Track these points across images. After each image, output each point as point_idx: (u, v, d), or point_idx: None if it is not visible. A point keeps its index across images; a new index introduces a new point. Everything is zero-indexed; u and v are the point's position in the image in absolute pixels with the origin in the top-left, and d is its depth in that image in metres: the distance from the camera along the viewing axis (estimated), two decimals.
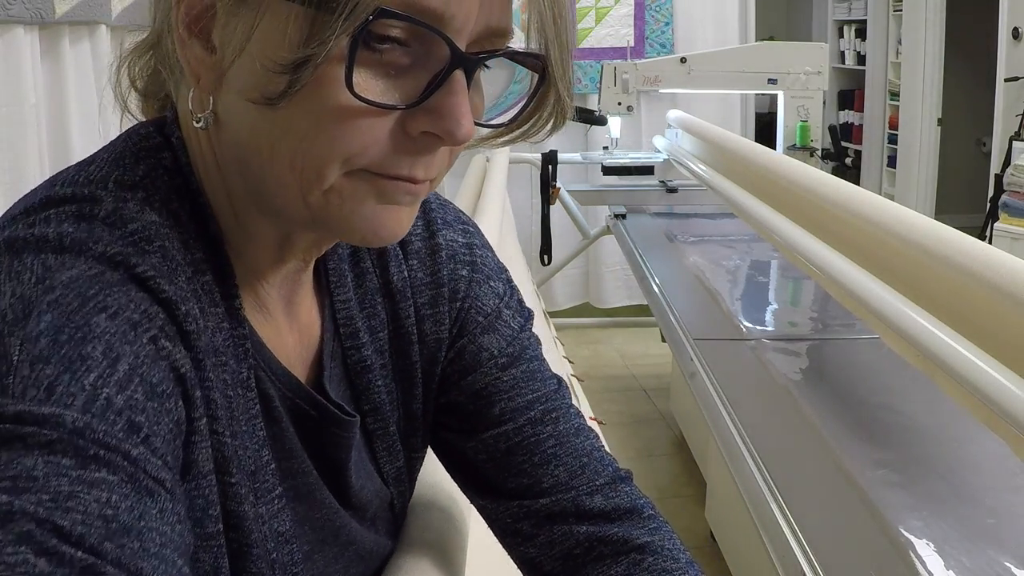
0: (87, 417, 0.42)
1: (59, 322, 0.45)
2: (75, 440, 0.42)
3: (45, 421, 0.42)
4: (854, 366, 2.00)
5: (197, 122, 0.53)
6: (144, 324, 0.47)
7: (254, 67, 0.48)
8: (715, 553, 2.48)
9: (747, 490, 1.48)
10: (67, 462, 0.41)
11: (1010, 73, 4.43)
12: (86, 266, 0.47)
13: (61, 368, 0.43)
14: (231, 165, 0.55)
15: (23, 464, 0.40)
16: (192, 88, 0.54)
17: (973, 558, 1.23)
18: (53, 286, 0.46)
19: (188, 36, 0.51)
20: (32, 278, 0.46)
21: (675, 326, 2.26)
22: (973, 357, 1.14)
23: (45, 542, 0.39)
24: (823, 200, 1.69)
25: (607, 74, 3.61)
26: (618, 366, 4.17)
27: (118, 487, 0.42)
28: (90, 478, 0.41)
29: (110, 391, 0.44)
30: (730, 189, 2.40)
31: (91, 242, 0.48)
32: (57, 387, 0.43)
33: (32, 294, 0.46)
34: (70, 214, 0.50)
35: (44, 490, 0.40)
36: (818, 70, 3.55)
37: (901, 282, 1.37)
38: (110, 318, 0.46)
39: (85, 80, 2.32)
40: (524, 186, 4.41)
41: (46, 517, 0.39)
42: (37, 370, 0.43)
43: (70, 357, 0.44)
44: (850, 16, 6.39)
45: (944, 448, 1.57)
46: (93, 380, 0.44)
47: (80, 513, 0.40)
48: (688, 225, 3.45)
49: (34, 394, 0.42)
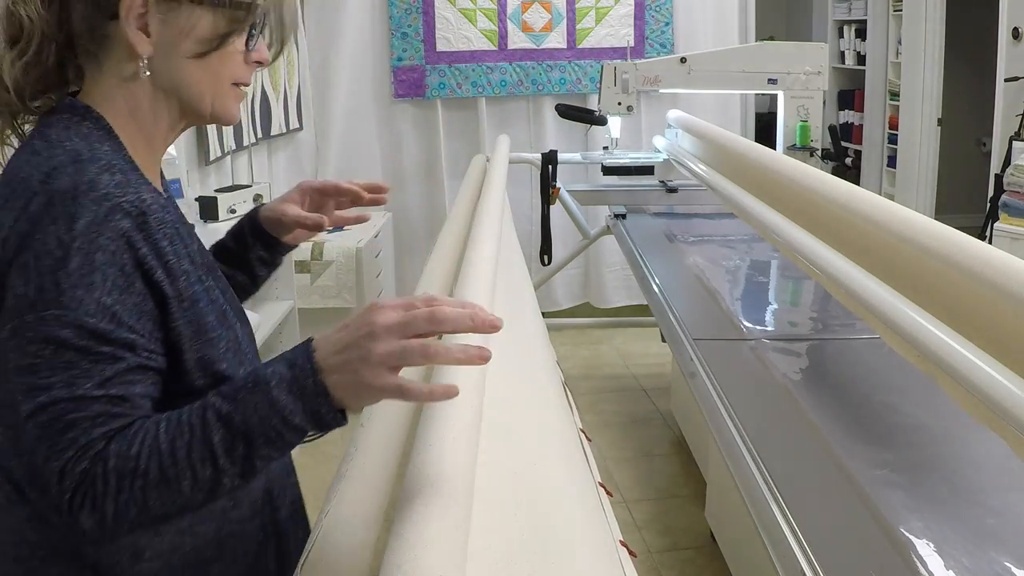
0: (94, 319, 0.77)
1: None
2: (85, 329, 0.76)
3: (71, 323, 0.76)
4: (854, 366, 2.00)
5: (142, 74, 0.87)
6: (117, 249, 0.79)
7: (184, 40, 0.88)
8: (715, 553, 2.48)
9: (747, 490, 1.48)
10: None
11: (1010, 73, 4.43)
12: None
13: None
14: (160, 96, 0.90)
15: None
16: (123, 58, 0.87)
17: (973, 558, 1.23)
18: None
19: (137, 29, 0.86)
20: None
21: (675, 326, 2.26)
22: (973, 357, 1.14)
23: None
24: (823, 200, 1.69)
25: (607, 74, 3.61)
26: (618, 366, 4.17)
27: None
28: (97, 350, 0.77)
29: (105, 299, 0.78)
30: (730, 189, 2.40)
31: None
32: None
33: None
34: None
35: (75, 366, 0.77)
36: (818, 70, 3.55)
37: (901, 282, 1.37)
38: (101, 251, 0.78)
39: None
40: (524, 186, 4.41)
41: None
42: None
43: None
44: (850, 16, 6.39)
45: (944, 448, 1.57)
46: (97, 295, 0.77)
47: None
48: (688, 225, 3.45)
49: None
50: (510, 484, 0.96)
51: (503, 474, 0.96)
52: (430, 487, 0.77)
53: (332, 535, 0.90)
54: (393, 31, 4.35)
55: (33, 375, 0.76)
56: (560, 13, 4.41)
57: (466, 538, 0.76)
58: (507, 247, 1.96)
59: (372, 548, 0.92)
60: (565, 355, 4.21)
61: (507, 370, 1.26)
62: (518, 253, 2.36)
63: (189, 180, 3.02)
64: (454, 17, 4.36)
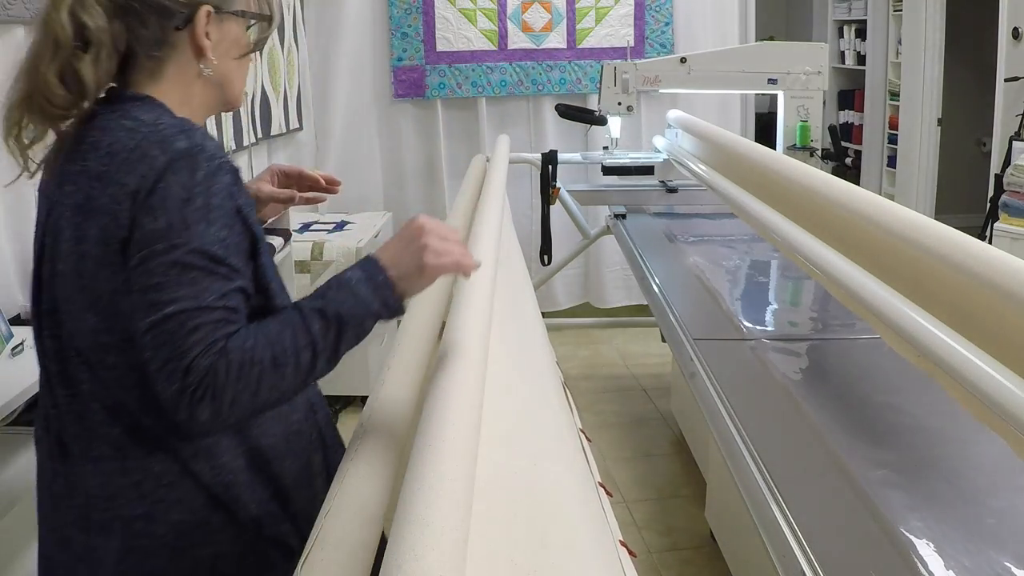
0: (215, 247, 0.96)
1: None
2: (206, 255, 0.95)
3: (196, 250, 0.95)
4: (854, 366, 2.00)
5: (208, 71, 1.09)
6: (224, 197, 0.99)
7: (233, 47, 1.11)
8: (715, 553, 2.48)
9: (747, 490, 1.48)
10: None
11: (1010, 73, 4.43)
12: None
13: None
14: (212, 89, 1.11)
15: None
16: (192, 61, 1.08)
17: (973, 558, 1.23)
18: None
19: (202, 45, 1.08)
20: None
21: (675, 326, 2.26)
22: (973, 357, 1.14)
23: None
24: (823, 200, 1.69)
25: (607, 74, 3.61)
26: (618, 366, 4.17)
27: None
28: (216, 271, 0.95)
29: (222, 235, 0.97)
30: (730, 189, 2.40)
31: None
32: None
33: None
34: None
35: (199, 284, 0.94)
36: (818, 70, 3.55)
37: (901, 282, 1.37)
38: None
39: None
40: (524, 186, 4.41)
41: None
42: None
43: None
44: (850, 16, 6.39)
45: (944, 448, 1.57)
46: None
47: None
48: (688, 225, 3.45)
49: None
50: (510, 484, 0.96)
51: (503, 474, 0.96)
52: (430, 487, 0.77)
53: (332, 535, 0.90)
54: (393, 31, 4.35)
55: (160, 292, 0.93)
56: (560, 13, 4.41)
57: (466, 538, 0.76)
58: (507, 247, 1.96)
59: (372, 548, 0.92)
60: (565, 355, 4.20)
61: (507, 370, 1.26)
62: (518, 253, 2.36)
63: None
64: (454, 17, 4.36)
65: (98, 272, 0.99)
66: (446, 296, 1.62)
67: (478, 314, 1.26)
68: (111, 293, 0.99)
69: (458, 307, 1.27)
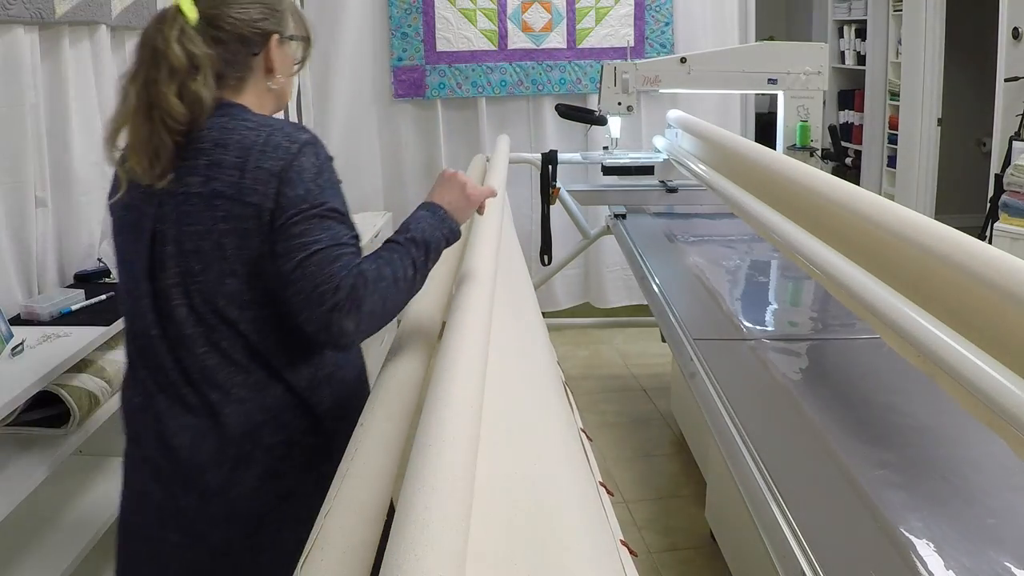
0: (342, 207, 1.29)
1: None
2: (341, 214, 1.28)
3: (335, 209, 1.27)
4: (854, 366, 2.00)
5: (273, 86, 1.38)
6: (334, 174, 1.32)
7: (288, 65, 1.41)
8: (715, 553, 2.48)
9: (747, 490, 1.48)
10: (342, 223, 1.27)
11: (1010, 73, 4.43)
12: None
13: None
14: (274, 97, 1.40)
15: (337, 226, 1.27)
16: (261, 78, 1.37)
17: (973, 558, 1.23)
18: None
19: (274, 64, 1.37)
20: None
21: (675, 326, 2.26)
22: (973, 357, 1.14)
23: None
24: (823, 200, 1.69)
25: (607, 74, 3.61)
26: (618, 366, 4.17)
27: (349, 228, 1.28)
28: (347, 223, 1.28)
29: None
30: (730, 189, 2.40)
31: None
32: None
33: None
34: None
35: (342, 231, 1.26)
36: (818, 70, 3.55)
37: (901, 282, 1.37)
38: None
39: (85, 80, 2.32)
40: (524, 186, 4.41)
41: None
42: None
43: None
44: (850, 16, 6.39)
45: (944, 448, 1.57)
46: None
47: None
48: (688, 225, 3.45)
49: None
50: (510, 484, 0.96)
51: (503, 474, 0.96)
52: (430, 487, 0.77)
53: (332, 535, 0.90)
54: (393, 31, 4.35)
55: (306, 237, 1.22)
56: (560, 13, 4.41)
57: (466, 538, 0.76)
58: (507, 247, 1.96)
59: (372, 548, 0.92)
60: (565, 355, 4.20)
61: (507, 370, 1.26)
62: (518, 253, 2.36)
63: None
64: (454, 17, 4.36)
65: (243, 243, 1.25)
66: (446, 296, 1.62)
67: (478, 314, 1.26)
68: (257, 258, 1.25)
69: (458, 307, 1.27)
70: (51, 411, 1.86)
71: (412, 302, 1.33)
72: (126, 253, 1.34)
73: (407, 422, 1.17)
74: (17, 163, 2.06)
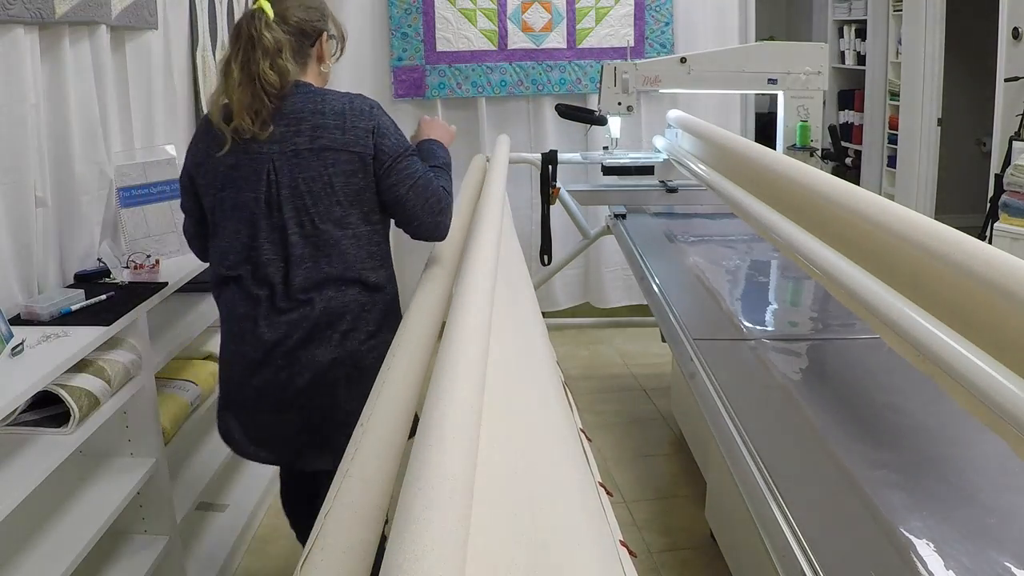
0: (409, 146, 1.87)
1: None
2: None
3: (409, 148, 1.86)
4: (854, 366, 2.01)
5: (324, 69, 1.90)
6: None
7: (330, 56, 1.91)
8: (715, 553, 2.48)
9: (747, 490, 1.48)
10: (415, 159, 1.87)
11: (1010, 73, 4.44)
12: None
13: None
14: (324, 78, 1.90)
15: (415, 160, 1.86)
16: (316, 64, 1.88)
17: (973, 558, 1.23)
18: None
19: (323, 55, 1.90)
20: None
21: (675, 326, 2.26)
22: (973, 357, 1.14)
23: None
24: (823, 200, 1.69)
25: (607, 74, 3.61)
26: (618, 366, 4.17)
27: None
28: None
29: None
30: (730, 189, 2.40)
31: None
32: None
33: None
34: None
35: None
36: (818, 70, 3.55)
37: (901, 282, 1.37)
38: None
39: (85, 80, 2.32)
40: (524, 186, 4.41)
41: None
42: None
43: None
44: (850, 16, 6.39)
45: (944, 448, 1.57)
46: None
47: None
48: (688, 225, 3.45)
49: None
50: (510, 484, 0.96)
51: (503, 474, 0.96)
52: (430, 487, 0.77)
53: (332, 535, 0.90)
54: (393, 31, 4.35)
55: (409, 170, 1.80)
56: (560, 13, 4.41)
57: (466, 538, 0.76)
58: (507, 247, 1.96)
59: (372, 548, 0.92)
60: (565, 355, 4.20)
61: (507, 370, 1.26)
62: (518, 253, 2.36)
63: None
64: (454, 17, 4.36)
65: (348, 181, 1.76)
66: (446, 296, 1.62)
67: (478, 314, 1.26)
68: (359, 190, 1.77)
69: (458, 307, 1.27)
70: (51, 411, 1.86)
71: (412, 302, 1.48)
72: (239, 200, 1.77)
73: (407, 422, 1.17)
74: (17, 163, 2.06)
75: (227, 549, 2.60)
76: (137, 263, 2.34)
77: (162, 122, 2.82)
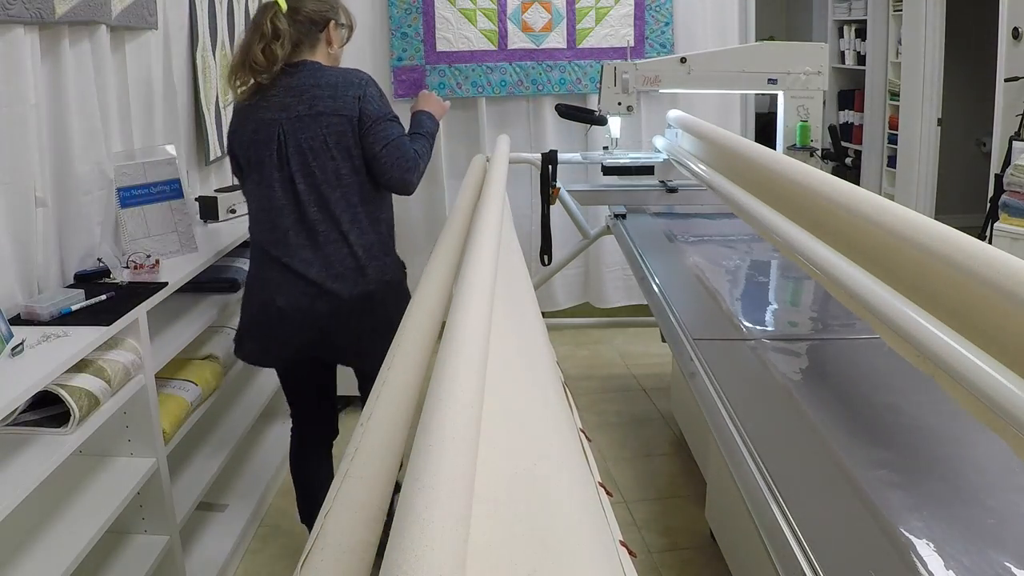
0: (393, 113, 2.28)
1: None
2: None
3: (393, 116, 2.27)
4: (854, 366, 2.00)
5: (332, 51, 2.30)
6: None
7: (338, 41, 2.31)
8: (715, 553, 2.48)
9: (747, 490, 1.48)
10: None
11: (1010, 73, 4.44)
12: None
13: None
14: (333, 59, 2.30)
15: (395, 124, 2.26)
16: (325, 46, 2.28)
17: (973, 558, 1.23)
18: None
19: (332, 40, 2.29)
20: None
21: (675, 326, 2.26)
22: (973, 357, 1.14)
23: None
24: (823, 200, 1.69)
25: (607, 74, 3.61)
26: (618, 366, 4.17)
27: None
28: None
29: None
30: (730, 189, 2.40)
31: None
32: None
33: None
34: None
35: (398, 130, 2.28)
36: (818, 70, 3.55)
37: (901, 282, 1.37)
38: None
39: (85, 80, 2.32)
40: (524, 186, 4.41)
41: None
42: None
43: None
44: (850, 16, 6.39)
45: (944, 448, 1.57)
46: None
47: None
48: (688, 225, 3.45)
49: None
50: (510, 484, 0.96)
51: (503, 474, 0.96)
52: (430, 487, 0.77)
53: (332, 535, 0.90)
54: (393, 31, 4.35)
55: (387, 132, 2.17)
56: (560, 13, 4.41)
57: (466, 538, 0.76)
58: (507, 247, 1.96)
59: (372, 548, 0.92)
60: (565, 355, 4.20)
61: (507, 370, 1.26)
62: (518, 253, 2.36)
63: (189, 180, 3.02)
64: (454, 17, 4.36)
65: (340, 139, 2.14)
66: (446, 296, 1.62)
67: (478, 314, 1.26)
68: (350, 147, 2.16)
69: (458, 307, 1.27)
70: (51, 411, 1.86)
71: (413, 302, 1.48)
72: (263, 157, 2.17)
73: (408, 422, 1.17)
74: (17, 163, 2.06)
75: (227, 549, 2.60)
76: (137, 263, 2.34)
77: (162, 122, 2.82)
